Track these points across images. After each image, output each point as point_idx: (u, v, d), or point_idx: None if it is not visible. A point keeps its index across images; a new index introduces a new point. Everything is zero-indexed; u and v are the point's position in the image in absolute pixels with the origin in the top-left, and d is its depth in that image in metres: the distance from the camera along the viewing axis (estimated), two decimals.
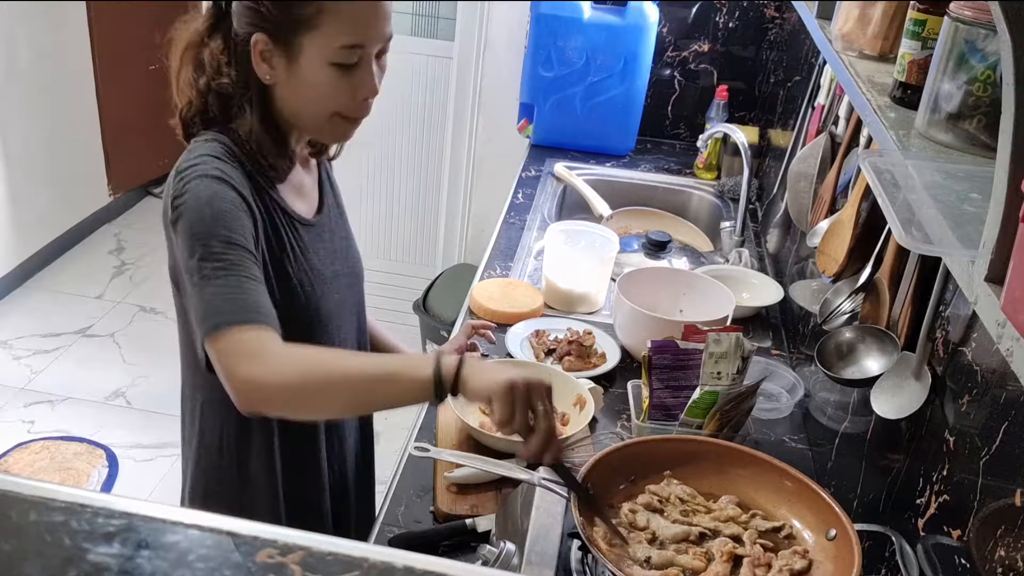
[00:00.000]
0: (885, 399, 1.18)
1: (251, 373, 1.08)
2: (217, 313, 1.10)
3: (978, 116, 0.96)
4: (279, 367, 1.09)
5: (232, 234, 1.13)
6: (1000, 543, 0.88)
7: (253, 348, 1.09)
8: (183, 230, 1.13)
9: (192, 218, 1.13)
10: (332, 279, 1.35)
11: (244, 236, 1.15)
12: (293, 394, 1.11)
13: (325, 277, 1.33)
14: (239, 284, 1.11)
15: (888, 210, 0.86)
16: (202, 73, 1.22)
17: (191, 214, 1.13)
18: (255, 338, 1.10)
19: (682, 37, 2.93)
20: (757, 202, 2.64)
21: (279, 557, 0.40)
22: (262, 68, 1.19)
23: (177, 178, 1.17)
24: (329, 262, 1.35)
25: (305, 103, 1.22)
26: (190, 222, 1.13)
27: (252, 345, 1.09)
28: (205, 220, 1.12)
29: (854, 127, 1.61)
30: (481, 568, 0.88)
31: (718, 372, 1.40)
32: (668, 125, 3.05)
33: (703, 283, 1.91)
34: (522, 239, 2.33)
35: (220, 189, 1.15)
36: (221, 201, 1.14)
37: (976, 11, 0.95)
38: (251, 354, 1.09)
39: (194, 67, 1.22)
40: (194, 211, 1.13)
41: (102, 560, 0.40)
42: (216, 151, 1.19)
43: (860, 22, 1.34)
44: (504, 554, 1.15)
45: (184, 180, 1.15)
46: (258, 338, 1.10)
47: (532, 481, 1.20)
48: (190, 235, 1.13)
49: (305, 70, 1.18)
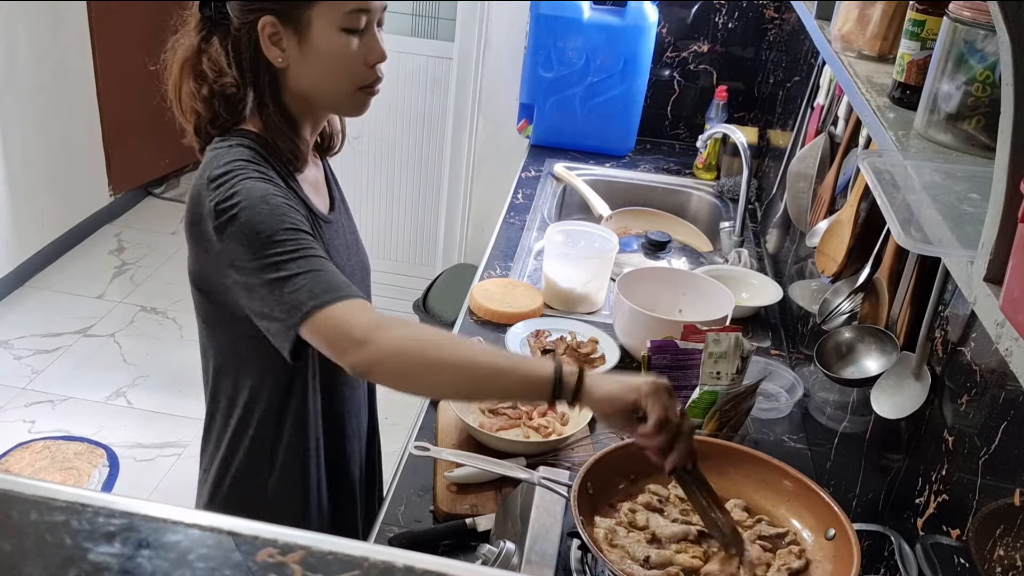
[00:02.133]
0: (884, 399, 1.18)
1: (370, 328, 1.09)
2: (312, 296, 1.10)
3: (977, 116, 0.96)
4: (396, 335, 1.10)
5: (296, 223, 1.15)
6: (999, 542, 0.89)
7: (366, 314, 1.11)
8: (241, 232, 1.13)
9: (251, 217, 1.13)
10: (350, 275, 1.34)
11: (304, 224, 1.17)
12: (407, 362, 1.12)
13: (346, 272, 1.33)
14: (319, 266, 1.13)
15: (887, 210, 0.87)
16: (204, 82, 1.22)
17: (248, 213, 1.13)
18: (361, 308, 1.11)
19: (682, 37, 2.93)
20: (756, 202, 2.64)
21: (279, 556, 0.40)
22: (273, 52, 1.21)
23: (214, 185, 1.16)
24: (346, 258, 1.37)
25: (322, 79, 1.23)
26: (249, 222, 1.13)
27: (363, 312, 1.11)
28: (265, 217, 1.13)
29: (853, 127, 1.61)
30: (481, 568, 0.88)
31: (717, 372, 1.40)
32: (668, 125, 3.05)
33: (702, 283, 1.91)
34: (522, 239, 2.34)
35: (267, 186, 1.16)
36: (274, 196, 1.16)
37: (975, 11, 0.95)
38: (366, 317, 1.10)
39: (194, 79, 1.23)
40: (251, 211, 1.13)
41: (103, 560, 0.40)
42: (244, 154, 1.20)
43: (859, 23, 1.34)
44: (504, 554, 1.15)
45: (227, 185, 1.15)
46: (363, 308, 1.11)
47: (532, 481, 1.20)
48: (252, 234, 1.13)
49: (317, 43, 1.20)
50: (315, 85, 1.24)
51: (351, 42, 1.21)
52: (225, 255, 1.16)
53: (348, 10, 1.19)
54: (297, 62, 1.22)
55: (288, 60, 1.22)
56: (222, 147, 1.21)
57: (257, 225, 1.13)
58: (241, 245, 1.13)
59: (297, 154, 1.27)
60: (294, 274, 1.11)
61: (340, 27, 1.20)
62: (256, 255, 1.12)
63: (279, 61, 1.21)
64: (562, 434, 1.51)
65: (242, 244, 1.13)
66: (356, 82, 1.25)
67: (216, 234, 1.15)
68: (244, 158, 1.19)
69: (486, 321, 1.92)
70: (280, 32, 1.20)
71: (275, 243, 1.12)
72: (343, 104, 1.29)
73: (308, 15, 1.19)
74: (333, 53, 1.21)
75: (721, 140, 2.69)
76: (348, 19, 1.20)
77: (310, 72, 1.23)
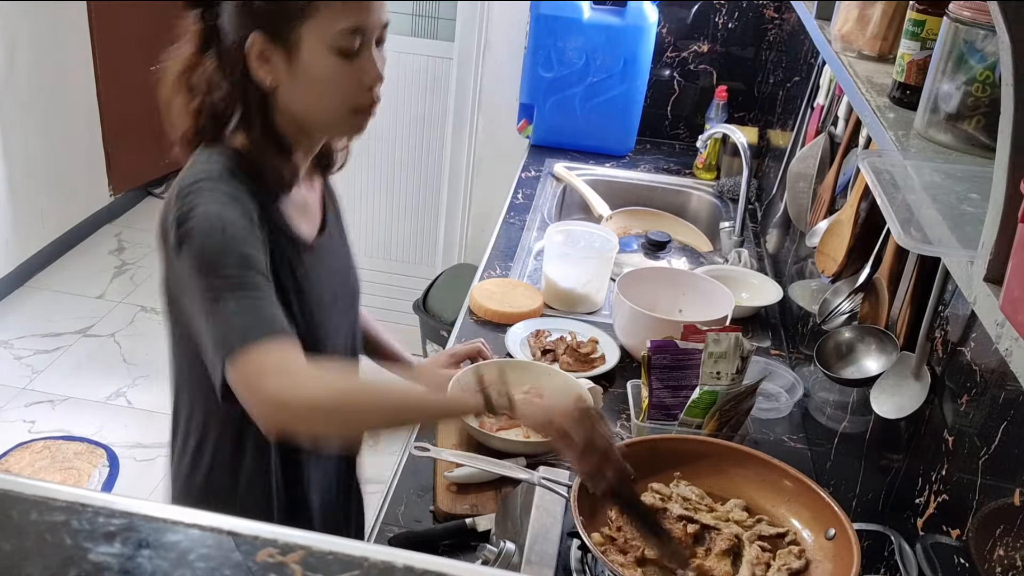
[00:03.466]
0: (884, 399, 1.18)
1: (280, 389, 1.03)
2: (239, 331, 1.04)
3: (977, 116, 0.96)
4: (310, 386, 1.04)
5: (246, 256, 1.09)
6: (999, 542, 0.89)
7: (281, 365, 1.04)
8: (192, 253, 1.08)
9: (203, 240, 1.08)
10: (331, 303, 1.30)
11: (256, 257, 1.10)
12: (324, 415, 1.07)
13: (324, 302, 1.28)
14: (257, 303, 1.07)
15: (887, 210, 0.87)
16: (195, 95, 1.17)
17: (201, 236, 1.08)
18: (282, 353, 1.04)
19: (681, 38, 2.93)
20: (756, 202, 2.64)
21: (279, 556, 0.40)
22: (262, 71, 1.14)
23: (179, 197, 1.11)
24: (328, 286, 1.30)
25: (312, 100, 1.17)
26: (201, 244, 1.08)
27: (279, 362, 1.04)
28: (217, 242, 1.07)
29: (853, 127, 1.61)
30: (481, 568, 0.88)
31: (717, 372, 1.40)
32: (668, 125, 3.05)
33: (702, 283, 1.91)
34: (522, 239, 2.34)
35: (229, 212, 1.10)
36: (231, 224, 1.09)
37: (975, 11, 0.95)
38: (279, 370, 1.03)
39: (187, 90, 1.18)
40: (204, 233, 1.08)
41: (103, 559, 0.40)
42: (218, 168, 1.14)
43: (859, 23, 1.34)
44: (504, 553, 1.15)
45: (189, 200, 1.10)
46: (285, 353, 1.05)
47: (532, 481, 1.20)
48: (201, 258, 1.07)
49: (307, 63, 1.13)
50: (306, 107, 1.17)
51: (343, 65, 1.14)
52: (180, 272, 1.12)
53: (341, 29, 1.12)
54: (287, 83, 1.15)
55: (278, 80, 1.15)
56: (200, 158, 1.17)
57: (207, 249, 1.07)
58: (191, 265, 1.08)
59: (280, 178, 1.20)
60: (229, 307, 1.05)
61: (332, 47, 1.13)
62: (202, 278, 1.07)
63: (268, 81, 1.14)
64: None
65: (192, 264, 1.08)
66: (350, 104, 1.17)
67: (175, 249, 1.11)
68: (215, 172, 1.13)
69: (486, 321, 1.92)
70: (269, 51, 1.13)
71: (220, 273, 1.07)
72: (337, 126, 1.22)
73: (298, 34, 1.12)
74: (324, 74, 1.14)
75: (721, 140, 2.69)
76: (341, 39, 1.12)
77: (301, 93, 1.16)
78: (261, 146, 1.17)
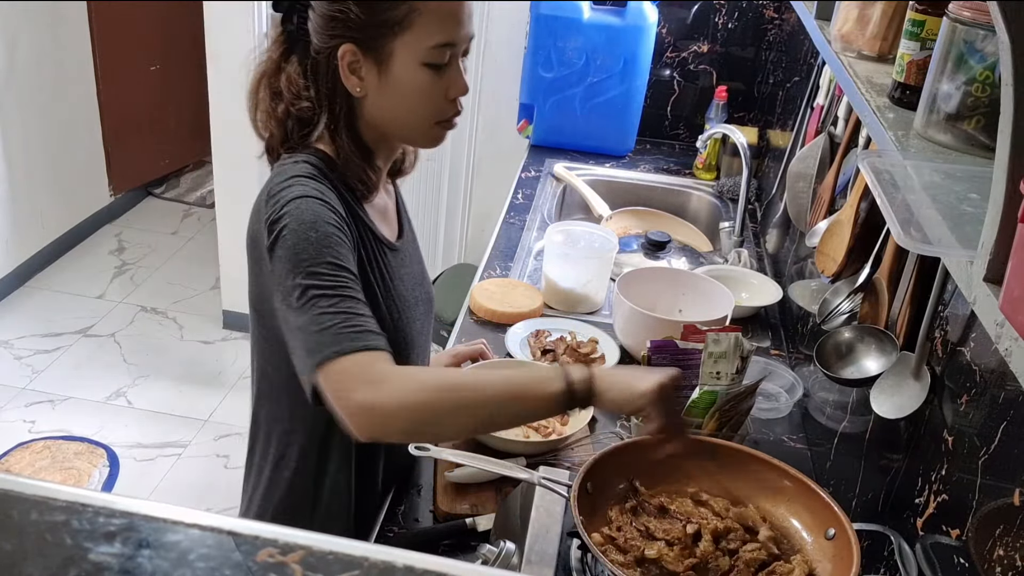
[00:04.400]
0: (884, 399, 1.18)
1: (368, 398, 1.03)
2: (329, 341, 1.05)
3: (977, 116, 0.96)
4: (398, 391, 1.04)
5: (339, 258, 1.09)
6: (999, 542, 0.89)
7: (370, 373, 1.04)
8: (285, 253, 1.08)
9: (296, 240, 1.08)
10: (414, 305, 1.32)
11: (349, 260, 1.11)
12: (414, 419, 1.07)
13: (409, 303, 1.29)
14: (349, 309, 1.07)
15: (887, 210, 0.87)
16: (280, 100, 1.18)
17: (294, 236, 1.08)
18: (371, 363, 1.05)
19: (681, 38, 2.93)
20: (756, 202, 2.64)
21: (279, 556, 0.40)
22: (351, 81, 1.16)
23: (271, 201, 1.12)
24: (411, 288, 1.32)
25: (400, 111, 1.19)
26: (294, 245, 1.08)
27: (369, 370, 1.04)
28: (310, 243, 1.08)
29: (853, 127, 1.61)
30: (481, 567, 0.88)
31: (717, 372, 1.40)
32: (667, 126, 3.05)
33: (702, 283, 1.91)
34: (522, 239, 2.34)
35: (322, 210, 1.11)
36: (325, 224, 1.10)
37: (975, 11, 0.95)
38: (368, 379, 1.04)
39: (271, 96, 1.19)
40: (297, 234, 1.08)
41: (103, 559, 0.40)
42: (307, 171, 1.15)
43: (859, 23, 1.34)
44: (504, 553, 1.15)
45: (281, 202, 1.11)
46: (373, 363, 1.05)
47: (532, 481, 1.20)
48: (294, 258, 1.08)
49: (397, 75, 1.15)
50: (392, 117, 1.19)
51: (432, 78, 1.16)
52: (272, 275, 1.11)
53: (433, 44, 1.14)
54: (376, 93, 1.17)
55: (367, 90, 1.17)
56: (288, 162, 1.17)
57: (300, 250, 1.08)
58: (283, 265, 1.09)
59: (367, 182, 1.22)
60: (320, 311, 1.06)
61: (423, 61, 1.15)
62: (293, 278, 1.07)
63: (357, 91, 1.17)
64: (562, 434, 1.51)
65: (285, 264, 1.09)
66: (435, 116, 1.20)
67: (268, 252, 1.11)
68: (307, 174, 1.14)
69: (486, 321, 1.92)
70: (360, 61, 1.15)
71: (313, 274, 1.07)
72: (420, 137, 1.24)
73: (391, 47, 1.14)
74: (414, 87, 1.16)
75: (721, 140, 2.69)
76: (432, 54, 1.15)
77: (388, 103, 1.18)
78: (346, 152, 1.19)
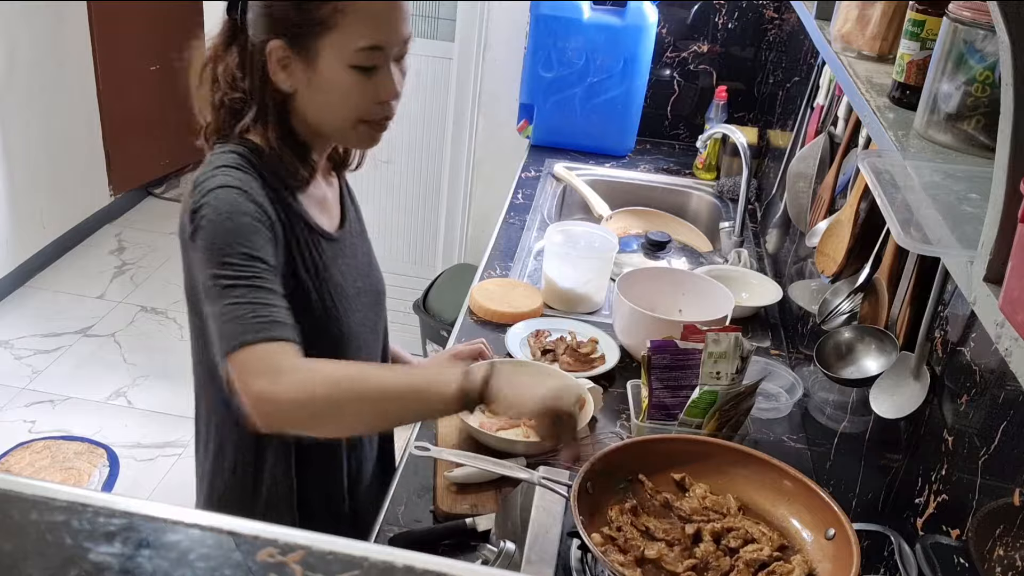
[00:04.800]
0: (884, 399, 1.18)
1: (266, 389, 1.05)
2: (235, 330, 1.06)
3: (977, 117, 0.96)
4: (297, 383, 1.05)
5: (253, 248, 1.10)
6: (999, 542, 0.89)
7: (270, 364, 1.05)
8: (202, 244, 1.10)
9: (211, 231, 1.10)
10: (355, 296, 1.32)
11: (264, 249, 1.12)
12: (312, 411, 1.08)
13: (348, 294, 1.29)
14: (258, 299, 1.08)
15: (887, 210, 0.87)
16: (218, 89, 1.19)
17: (210, 227, 1.10)
18: (273, 353, 1.06)
19: (681, 38, 2.93)
20: (756, 202, 2.64)
21: (279, 556, 0.40)
22: (280, 76, 1.17)
23: (196, 190, 1.13)
24: (352, 279, 1.32)
25: (326, 110, 1.19)
26: (210, 235, 1.10)
27: (270, 361, 1.06)
28: (225, 233, 1.09)
29: (853, 127, 1.61)
30: (481, 567, 0.88)
31: (717, 372, 1.40)
32: (667, 126, 3.05)
33: (702, 283, 1.91)
34: (522, 239, 2.34)
35: (239, 201, 1.12)
36: (241, 214, 1.11)
37: (975, 12, 0.95)
38: (268, 370, 1.05)
39: (211, 83, 1.20)
40: (213, 224, 1.10)
41: (103, 559, 0.40)
42: (233, 161, 1.16)
43: (859, 23, 1.34)
44: (504, 553, 1.15)
45: (202, 192, 1.12)
46: (276, 353, 1.06)
47: (532, 481, 1.20)
48: (209, 248, 1.09)
49: (324, 75, 1.16)
50: (320, 115, 1.20)
51: (359, 80, 1.16)
52: (194, 263, 1.13)
53: (360, 46, 1.14)
54: (305, 90, 1.18)
55: (296, 86, 1.17)
56: (217, 151, 1.19)
57: (215, 239, 1.09)
58: (201, 255, 1.10)
59: (297, 175, 1.22)
60: (230, 301, 1.07)
61: (350, 63, 1.15)
62: (209, 269, 1.09)
63: (286, 86, 1.17)
64: None
65: (202, 254, 1.10)
66: (362, 117, 1.20)
67: (190, 240, 1.13)
68: (233, 164, 1.15)
69: (486, 321, 1.92)
70: (290, 58, 1.15)
71: (225, 264, 1.08)
72: (348, 137, 1.25)
73: (318, 45, 1.14)
74: (340, 88, 1.16)
75: (721, 140, 2.69)
76: (359, 56, 1.15)
77: (316, 102, 1.19)
78: (279, 144, 1.20)
